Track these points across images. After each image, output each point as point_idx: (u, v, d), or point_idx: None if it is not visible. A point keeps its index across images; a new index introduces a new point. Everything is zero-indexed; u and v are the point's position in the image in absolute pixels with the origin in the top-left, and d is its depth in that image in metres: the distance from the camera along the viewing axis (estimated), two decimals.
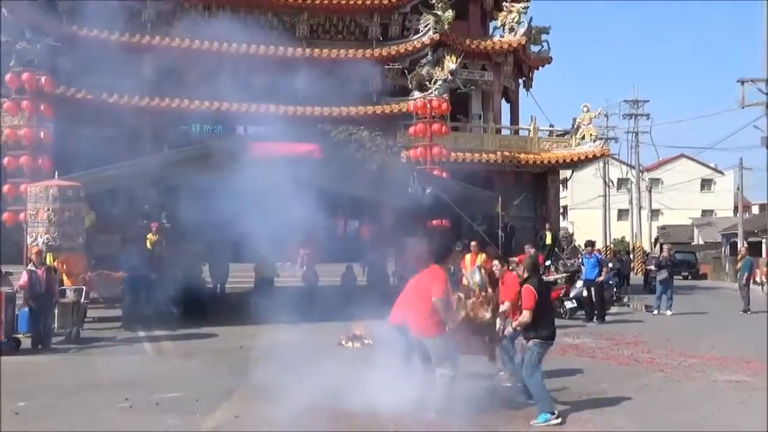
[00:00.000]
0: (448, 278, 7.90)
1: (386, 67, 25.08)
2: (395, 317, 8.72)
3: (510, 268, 9.43)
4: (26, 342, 12.04)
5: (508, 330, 8.50)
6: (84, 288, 13.24)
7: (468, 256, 15.70)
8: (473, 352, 8.65)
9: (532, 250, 15.71)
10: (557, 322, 16.26)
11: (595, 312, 17.41)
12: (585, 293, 17.72)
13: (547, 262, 21.69)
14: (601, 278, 17.65)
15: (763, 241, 42.30)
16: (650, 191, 49.75)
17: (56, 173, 15.33)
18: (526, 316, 7.72)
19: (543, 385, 7.76)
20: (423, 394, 7.69)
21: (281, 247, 17.11)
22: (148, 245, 17.10)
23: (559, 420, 7.50)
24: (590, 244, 18.74)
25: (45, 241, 14.03)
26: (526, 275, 7.96)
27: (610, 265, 22.85)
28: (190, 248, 16.65)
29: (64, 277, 13.41)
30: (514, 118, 29.46)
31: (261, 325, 12.66)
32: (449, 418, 7.43)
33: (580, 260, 19.26)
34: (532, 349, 7.77)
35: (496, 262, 9.79)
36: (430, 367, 7.74)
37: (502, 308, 8.94)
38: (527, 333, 7.86)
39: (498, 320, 8.85)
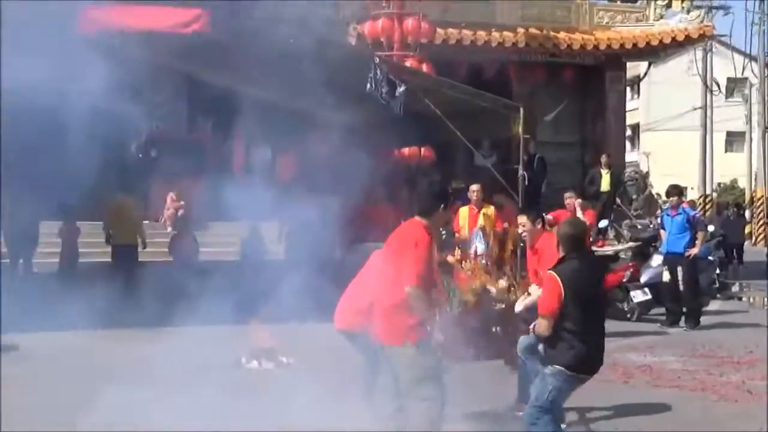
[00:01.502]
0: (435, 246, 7.94)
1: None
2: (344, 317, 8.80)
3: (545, 227, 9.57)
4: None
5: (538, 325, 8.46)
6: None
7: (464, 211, 15.82)
8: (478, 355, 8.76)
9: (577, 202, 15.92)
10: (617, 325, 16.68)
11: (684, 309, 17.73)
12: (666, 277, 17.98)
13: (603, 223, 21.93)
14: (695, 251, 17.89)
15: None
16: None
17: None
18: (542, 325, 7.78)
19: None
20: None
21: (138, 192, 17.04)
22: None
23: None
24: (677, 191, 18.69)
25: None
26: (561, 254, 8.04)
27: (711, 228, 23.24)
28: None
29: None
30: None
31: (95, 331, 12.61)
32: None
33: (660, 220, 19.51)
34: (546, 381, 7.82)
35: (522, 219, 9.92)
36: (402, 396, 7.82)
37: (529, 298, 9.11)
38: (545, 351, 8.01)
39: (519, 302, 9.01)
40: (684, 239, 17.66)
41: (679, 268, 17.58)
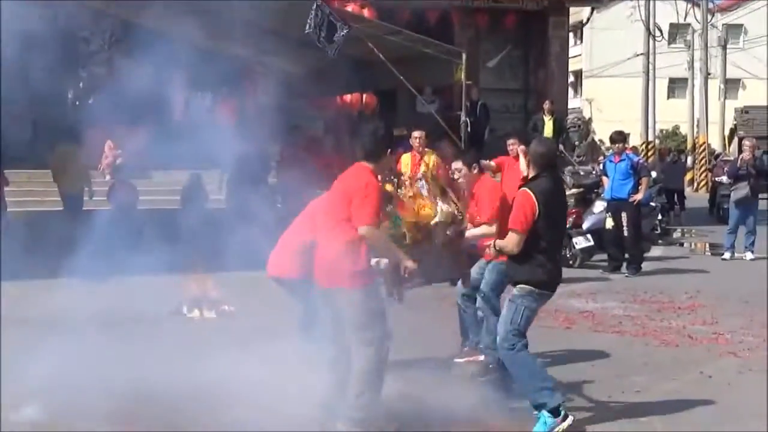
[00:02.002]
0: (383, 191, 7.94)
1: None
2: (277, 264, 8.83)
3: (481, 171, 9.57)
4: None
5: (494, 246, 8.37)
6: None
7: (406, 158, 15.76)
8: (429, 278, 8.79)
9: (520, 149, 15.89)
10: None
11: (626, 256, 17.88)
12: (609, 223, 18.07)
13: None
14: (639, 196, 17.98)
15: None
16: (725, 47, 50.78)
17: None
18: (512, 240, 7.84)
19: (534, 364, 7.92)
20: (331, 391, 7.81)
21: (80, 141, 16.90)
22: None
23: (569, 421, 7.67)
24: (622, 138, 18.86)
25: None
26: (532, 173, 8.05)
27: (654, 174, 23.38)
28: None
29: None
30: None
31: (29, 282, 12.52)
32: (371, 429, 7.55)
33: (602, 166, 19.59)
34: (517, 303, 7.87)
35: (458, 164, 9.93)
36: (344, 343, 7.81)
37: (477, 230, 9.24)
38: (510, 272, 8.04)
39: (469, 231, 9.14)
40: (628, 185, 17.80)
41: (623, 214, 17.73)
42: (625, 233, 17.70)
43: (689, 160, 42.84)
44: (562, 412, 7.64)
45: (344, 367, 7.79)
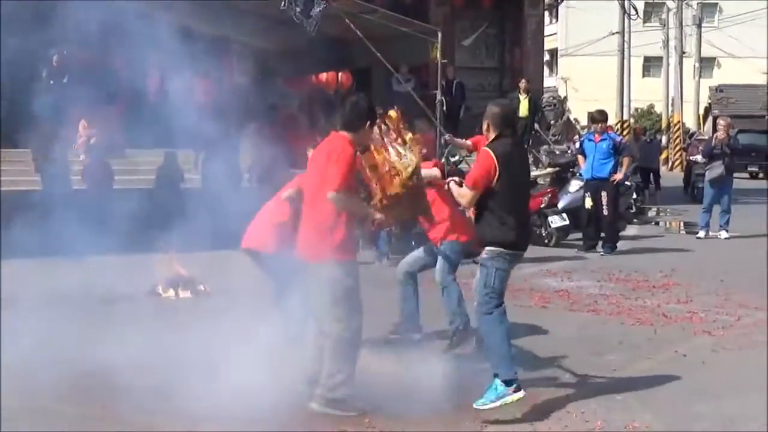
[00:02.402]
0: (359, 159, 7.92)
1: None
2: (253, 237, 9.06)
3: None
4: None
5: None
6: None
7: None
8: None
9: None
10: (535, 250, 16.88)
11: (601, 235, 17.93)
12: (588, 203, 18.03)
13: None
14: (619, 176, 18.02)
15: None
16: (700, 26, 50.90)
17: None
18: (466, 195, 7.96)
19: (504, 332, 7.90)
20: (315, 366, 7.85)
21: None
22: None
23: (519, 394, 7.67)
24: (603, 117, 18.61)
25: None
26: (492, 134, 8.05)
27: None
28: None
29: None
30: None
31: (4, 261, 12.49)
32: (344, 414, 7.61)
33: (579, 145, 19.59)
34: (488, 266, 7.87)
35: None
36: (313, 317, 7.92)
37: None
38: (478, 233, 8.06)
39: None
40: (608, 165, 17.81)
41: (603, 193, 17.70)
42: (605, 213, 17.72)
43: (664, 139, 42.97)
44: (515, 384, 7.64)
45: (320, 343, 7.84)
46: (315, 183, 7.76)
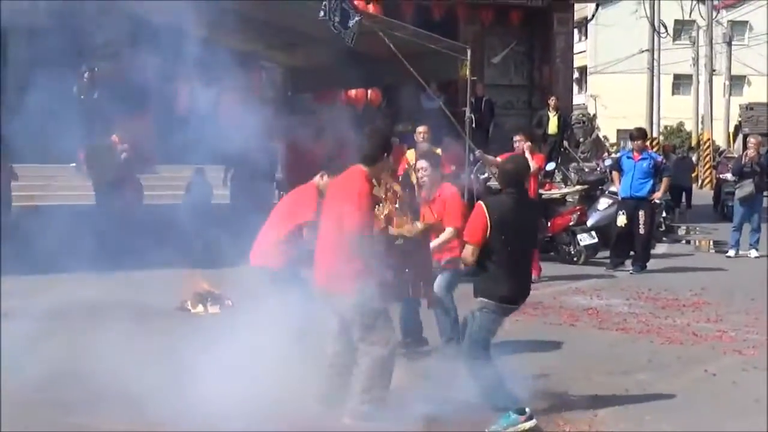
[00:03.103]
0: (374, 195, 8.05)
1: None
2: (259, 254, 9.63)
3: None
4: None
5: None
6: None
7: (411, 154, 15.75)
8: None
9: (526, 145, 15.94)
10: (564, 268, 16.79)
11: (631, 253, 17.84)
12: (621, 221, 17.71)
13: (550, 166, 21.98)
14: (658, 195, 17.99)
15: None
16: (730, 44, 50.73)
17: None
18: (466, 251, 8.07)
19: (497, 377, 8.01)
20: (331, 386, 8.08)
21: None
22: None
23: (532, 423, 7.73)
24: (641, 135, 18.56)
25: None
26: (500, 188, 8.37)
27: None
28: None
29: None
30: None
31: (38, 277, 12.52)
32: (374, 426, 7.67)
33: (617, 162, 19.30)
34: (476, 316, 8.05)
35: (422, 163, 10.26)
36: (347, 340, 8.08)
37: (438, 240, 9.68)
38: (474, 285, 8.18)
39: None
40: (647, 184, 17.63)
41: (641, 212, 17.47)
42: (641, 231, 17.45)
43: (694, 157, 42.82)
44: (528, 412, 7.72)
45: (346, 362, 8.05)
46: (333, 219, 7.93)
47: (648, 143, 19.17)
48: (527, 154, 15.81)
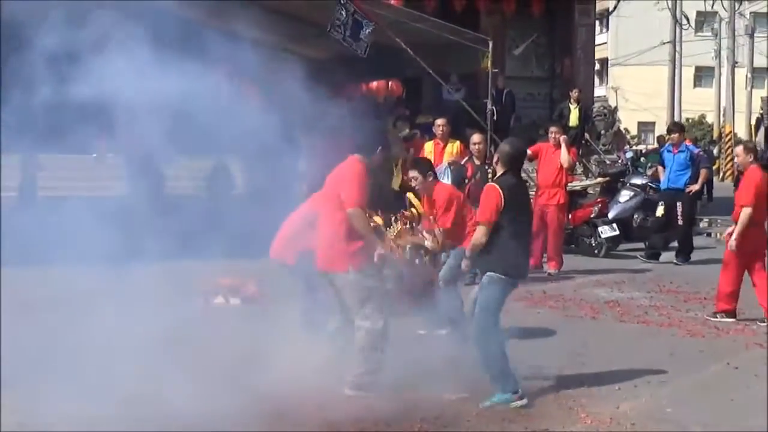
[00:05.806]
0: (368, 178, 8.51)
1: None
2: (277, 249, 9.79)
3: (436, 179, 10.64)
4: None
5: (465, 264, 9.01)
6: None
7: (429, 146, 15.77)
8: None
9: (563, 138, 16.03)
10: (585, 261, 16.78)
11: (669, 245, 17.98)
12: (660, 211, 18.04)
13: None
14: (696, 187, 18.06)
15: None
16: (752, 36, 50.53)
17: None
18: (479, 232, 8.35)
19: (503, 353, 8.27)
20: (334, 360, 8.52)
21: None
22: None
23: (523, 401, 8.13)
24: (679, 128, 18.88)
25: None
26: (500, 170, 8.56)
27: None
28: None
29: None
30: None
31: (59, 267, 12.62)
32: (373, 395, 8.05)
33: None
34: (487, 290, 8.34)
35: (414, 173, 10.61)
36: (346, 315, 8.59)
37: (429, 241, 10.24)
38: (481, 262, 8.44)
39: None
40: (685, 176, 17.87)
41: (678, 204, 17.67)
42: (680, 222, 17.67)
43: (715, 149, 42.69)
44: (520, 392, 8.21)
45: (346, 337, 8.59)
46: (330, 201, 8.54)
47: (687, 136, 19.25)
48: (563, 148, 15.88)
